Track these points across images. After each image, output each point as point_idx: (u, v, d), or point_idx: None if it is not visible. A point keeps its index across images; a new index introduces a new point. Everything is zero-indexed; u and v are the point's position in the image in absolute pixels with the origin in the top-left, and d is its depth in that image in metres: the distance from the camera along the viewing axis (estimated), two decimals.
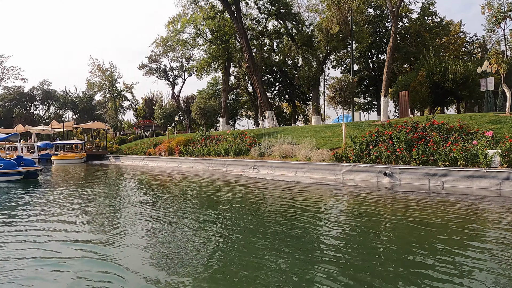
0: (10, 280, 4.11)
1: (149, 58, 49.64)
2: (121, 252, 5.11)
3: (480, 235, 5.69)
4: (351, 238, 5.71)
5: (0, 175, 15.14)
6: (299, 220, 6.87)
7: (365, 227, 6.28)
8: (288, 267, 4.37)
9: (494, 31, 18.95)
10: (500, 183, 9.53)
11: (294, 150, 16.45)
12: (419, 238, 5.51)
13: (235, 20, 26.83)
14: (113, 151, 34.34)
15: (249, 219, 7.13)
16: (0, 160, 15.65)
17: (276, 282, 3.92)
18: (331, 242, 5.43)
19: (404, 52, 39.19)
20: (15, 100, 62.09)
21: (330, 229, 6.22)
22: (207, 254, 4.95)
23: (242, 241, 5.58)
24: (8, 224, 7.08)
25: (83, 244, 5.52)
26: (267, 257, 4.74)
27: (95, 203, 9.44)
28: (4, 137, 17.83)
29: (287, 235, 5.83)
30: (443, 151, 11.10)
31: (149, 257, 4.85)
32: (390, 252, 4.90)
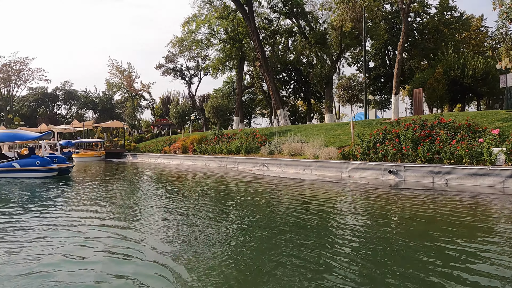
0: (53, 251, 5.17)
1: (166, 58, 50.68)
2: (140, 234, 5.91)
3: (492, 230, 5.86)
4: (356, 234, 5.99)
5: (37, 171, 16.18)
6: (302, 212, 7.20)
7: (368, 223, 6.54)
8: (294, 253, 4.71)
9: (506, 27, 18.50)
10: (503, 181, 9.53)
11: (303, 148, 16.70)
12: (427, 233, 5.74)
13: (247, 19, 27.20)
14: (131, 149, 35.42)
15: (257, 211, 7.50)
16: (37, 158, 16.74)
17: (282, 263, 4.28)
18: (333, 232, 5.73)
19: (421, 49, 38.49)
20: (39, 100, 64.70)
21: (329, 221, 6.51)
22: (217, 240, 5.51)
23: (250, 231, 5.96)
24: (47, 211, 8.24)
25: (108, 228, 6.43)
26: (274, 245, 5.10)
27: (117, 196, 10.48)
28: (40, 135, 19.12)
29: (290, 225, 6.17)
30: (448, 149, 11.13)
31: (165, 238, 5.69)
32: (397, 240, 5.17)
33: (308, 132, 20.23)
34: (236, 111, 35.14)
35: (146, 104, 54.58)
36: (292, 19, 32.86)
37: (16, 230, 6.41)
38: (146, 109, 56.75)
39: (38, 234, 6.07)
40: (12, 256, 4.93)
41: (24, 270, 4.35)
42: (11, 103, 60.94)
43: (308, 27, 34.62)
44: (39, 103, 65.25)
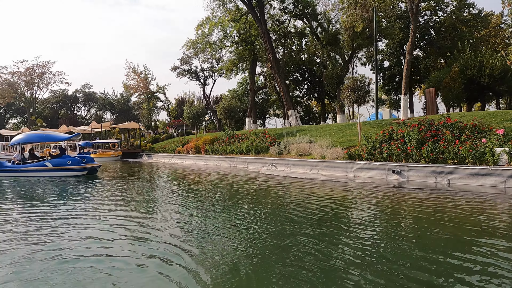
0: (85, 235, 6.17)
1: (181, 60, 51.61)
2: (157, 223, 6.81)
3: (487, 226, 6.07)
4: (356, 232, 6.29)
5: (69, 170, 17.16)
6: (301, 207, 7.54)
7: (364, 222, 6.83)
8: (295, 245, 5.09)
9: None
10: (505, 181, 9.58)
11: (311, 149, 16.96)
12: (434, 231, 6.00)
13: (258, 22, 27.60)
14: (146, 149, 36.39)
15: (258, 206, 7.89)
16: (68, 158, 17.75)
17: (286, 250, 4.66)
18: (333, 224, 6.06)
19: (437, 47, 37.91)
20: (60, 102, 66.98)
21: (330, 216, 6.83)
22: (225, 228, 6.16)
23: (253, 226, 6.37)
24: (80, 204, 9.55)
25: (130, 218, 7.38)
26: (277, 236, 5.49)
27: (138, 192, 11.59)
28: (70, 136, 20.41)
29: (283, 220, 6.54)
30: (452, 149, 11.21)
31: (179, 226, 6.56)
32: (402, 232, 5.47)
33: (317, 133, 20.43)
34: (249, 112, 35.58)
35: (162, 106, 55.83)
36: (304, 19, 33.05)
37: (58, 219, 7.52)
38: (162, 110, 58.03)
39: (74, 221, 7.20)
40: (54, 238, 5.97)
41: (64, 247, 5.42)
42: (34, 105, 63.35)
43: (320, 27, 34.75)
44: (60, 105, 67.55)
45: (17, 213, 8.33)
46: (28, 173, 17.13)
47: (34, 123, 58.97)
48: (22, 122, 68.12)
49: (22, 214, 8.21)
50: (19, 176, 17.05)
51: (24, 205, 9.56)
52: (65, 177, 16.61)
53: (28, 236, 6.08)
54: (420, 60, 43.19)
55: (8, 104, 62.85)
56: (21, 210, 8.83)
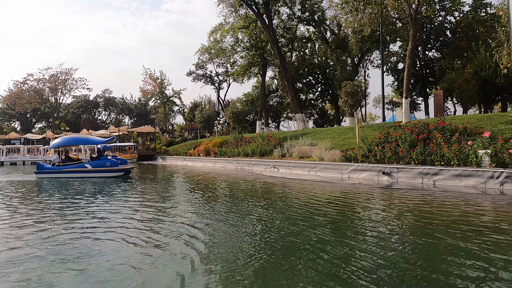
0: (117, 225, 7.02)
1: (196, 65, 53.18)
2: (176, 214, 7.89)
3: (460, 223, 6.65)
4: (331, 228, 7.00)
5: (107, 171, 18.37)
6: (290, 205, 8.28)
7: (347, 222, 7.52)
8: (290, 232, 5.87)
9: None
10: (485, 182, 9.98)
11: (311, 151, 17.59)
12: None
13: (266, 28, 28.44)
14: (161, 152, 37.81)
15: (251, 205, 8.69)
16: (107, 160, 19.00)
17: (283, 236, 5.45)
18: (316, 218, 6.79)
19: (453, 48, 37.58)
20: (82, 107, 69.91)
21: (311, 211, 7.55)
22: (227, 220, 6.72)
23: (247, 221, 7.18)
24: (115, 201, 10.59)
25: (153, 210, 8.64)
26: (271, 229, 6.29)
27: (156, 191, 12.65)
28: (106, 140, 21.78)
29: (275, 216, 7.30)
30: (439, 152, 11.65)
31: (190, 216, 7.64)
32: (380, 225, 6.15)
33: (321, 136, 21.00)
34: (259, 115, 36.41)
35: (177, 110, 57.57)
36: (312, 24, 33.65)
37: (104, 211, 8.65)
38: (178, 114, 59.81)
39: (110, 210, 8.81)
40: (100, 221, 7.40)
41: (101, 228, 6.72)
42: (58, 110, 66.43)
43: (330, 32, 35.29)
44: (82, 110, 70.54)
45: (82, 207, 9.37)
46: (69, 174, 18.19)
47: (58, 127, 61.89)
48: (47, 126, 71.46)
49: (88, 208, 9.23)
50: (61, 177, 18.01)
51: (83, 201, 10.53)
52: (105, 178, 17.67)
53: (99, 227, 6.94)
54: (435, 61, 42.88)
55: (34, 109, 66.14)
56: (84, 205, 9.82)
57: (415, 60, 43.34)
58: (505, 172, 9.61)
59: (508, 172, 9.57)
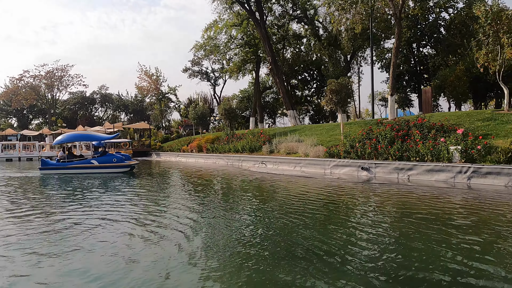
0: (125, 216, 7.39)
1: (192, 62, 53.44)
2: (165, 204, 8.03)
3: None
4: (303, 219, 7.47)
5: (114, 167, 18.72)
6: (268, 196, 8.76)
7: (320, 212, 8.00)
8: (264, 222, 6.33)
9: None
10: (454, 176, 10.47)
11: (298, 147, 18.05)
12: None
13: (258, 26, 28.78)
14: (156, 148, 38.23)
15: (239, 196, 9.16)
16: (113, 156, 19.41)
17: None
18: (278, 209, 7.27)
19: (446, 45, 37.97)
20: (78, 104, 70.13)
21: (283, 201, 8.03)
22: (208, 211, 7.18)
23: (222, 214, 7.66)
24: (118, 194, 10.79)
25: (151, 202, 8.80)
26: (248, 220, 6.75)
27: (156, 184, 12.83)
28: (111, 136, 22.07)
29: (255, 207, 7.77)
30: (414, 148, 12.13)
31: (180, 206, 8.19)
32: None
33: (311, 132, 21.46)
34: (253, 112, 36.80)
35: (173, 106, 57.88)
36: (305, 21, 33.97)
37: (111, 202, 9.37)
38: (174, 111, 60.13)
39: (112, 200, 9.63)
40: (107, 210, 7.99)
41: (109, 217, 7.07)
42: (54, 107, 66.65)
43: (322, 29, 35.63)
44: (78, 106, 70.78)
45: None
46: (76, 170, 18.42)
47: (54, 124, 62.15)
48: (43, 122, 71.71)
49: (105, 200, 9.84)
50: (67, 173, 18.25)
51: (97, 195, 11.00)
52: (111, 173, 18.02)
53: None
54: (429, 58, 43.28)
55: (31, 105, 66.35)
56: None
57: (409, 57, 43.80)
58: (472, 167, 10.10)
59: (474, 167, 10.06)
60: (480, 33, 15.01)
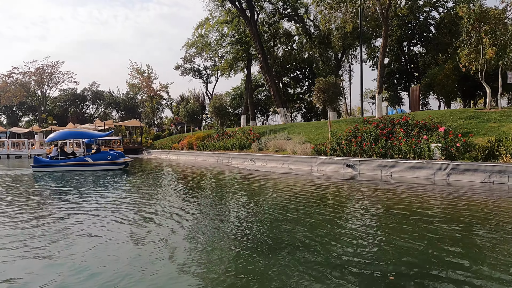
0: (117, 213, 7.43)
1: (184, 59, 53.28)
2: (156, 197, 8.25)
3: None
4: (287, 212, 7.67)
5: (109, 164, 18.69)
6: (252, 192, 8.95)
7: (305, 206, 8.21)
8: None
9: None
10: (434, 173, 10.79)
11: (286, 145, 18.27)
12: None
13: (249, 24, 28.88)
14: (147, 146, 38.18)
15: (213, 193, 9.34)
16: (108, 153, 19.35)
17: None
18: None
19: (436, 43, 38.46)
20: (69, 101, 69.46)
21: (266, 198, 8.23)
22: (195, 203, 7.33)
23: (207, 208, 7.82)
24: (114, 191, 11.00)
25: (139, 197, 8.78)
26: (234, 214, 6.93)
27: (146, 182, 12.87)
28: (106, 134, 22.05)
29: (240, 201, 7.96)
30: (397, 146, 12.43)
31: (168, 199, 8.03)
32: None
33: (300, 130, 21.69)
34: (244, 110, 36.94)
35: (165, 103, 57.80)
36: (295, 19, 34.16)
37: (109, 198, 9.28)
38: (165, 108, 60.06)
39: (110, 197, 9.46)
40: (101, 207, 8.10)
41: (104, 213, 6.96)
42: (45, 104, 65.94)
43: (313, 27, 35.88)
44: (69, 103, 70.06)
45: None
46: (69, 168, 18.34)
47: (45, 121, 61.52)
48: (33, 119, 70.92)
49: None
50: (60, 170, 18.13)
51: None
52: (106, 171, 17.99)
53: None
54: (419, 56, 43.78)
55: (21, 102, 65.53)
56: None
57: (400, 55, 44.30)
58: (451, 164, 10.42)
59: (453, 164, 10.38)
60: (463, 33, 15.33)
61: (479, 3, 14.42)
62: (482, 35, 14.35)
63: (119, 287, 3.70)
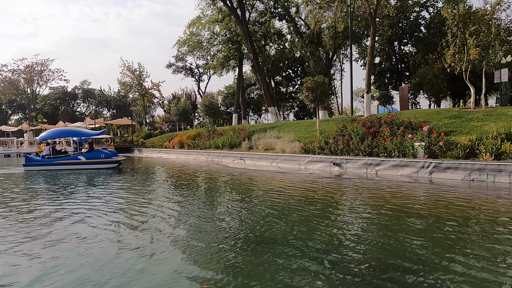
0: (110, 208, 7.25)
1: (176, 57, 53.10)
2: (146, 193, 8.14)
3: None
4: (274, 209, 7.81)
5: (102, 163, 18.58)
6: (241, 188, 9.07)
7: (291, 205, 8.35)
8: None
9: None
10: (417, 171, 11.03)
11: (276, 143, 18.43)
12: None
13: (240, 23, 28.94)
14: (139, 144, 38.05)
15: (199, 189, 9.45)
16: (102, 152, 19.22)
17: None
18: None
19: (426, 43, 38.90)
20: (60, 99, 68.77)
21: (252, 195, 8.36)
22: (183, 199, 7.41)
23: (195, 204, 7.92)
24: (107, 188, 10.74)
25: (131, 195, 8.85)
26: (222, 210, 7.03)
27: (138, 180, 12.77)
28: (99, 132, 21.87)
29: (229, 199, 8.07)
30: (382, 144, 12.66)
31: (156, 195, 8.17)
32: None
33: (290, 129, 21.86)
34: (236, 108, 37.00)
35: (157, 102, 57.55)
36: (286, 18, 34.30)
37: (105, 194, 9.19)
38: (157, 106, 59.82)
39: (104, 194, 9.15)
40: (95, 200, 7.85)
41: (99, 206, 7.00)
42: (34, 102, 65.21)
43: (305, 27, 36.03)
44: (59, 102, 69.39)
45: None
46: (62, 166, 18.13)
47: (35, 119, 60.85)
48: (23, 118, 70.08)
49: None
50: (53, 169, 17.94)
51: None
52: (99, 169, 17.90)
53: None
54: (410, 56, 44.26)
55: (10, 100, 64.72)
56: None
57: (391, 55, 44.71)
58: (433, 163, 10.67)
59: (435, 162, 10.63)
60: (448, 34, 15.62)
61: (464, 5, 14.66)
62: (467, 36, 14.64)
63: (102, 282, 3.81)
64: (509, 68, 21.82)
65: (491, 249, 4.51)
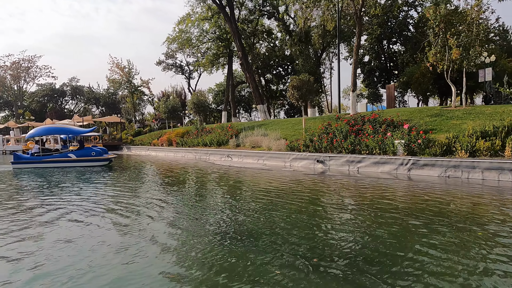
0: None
1: (166, 55, 52.79)
2: (134, 190, 8.22)
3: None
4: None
5: (93, 161, 18.52)
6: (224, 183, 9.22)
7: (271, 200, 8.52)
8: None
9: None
10: (396, 168, 11.33)
11: (262, 141, 18.62)
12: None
13: (228, 21, 28.99)
14: (128, 142, 37.87)
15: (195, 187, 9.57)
16: (92, 149, 19.11)
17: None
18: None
19: (414, 42, 39.40)
20: (47, 96, 67.79)
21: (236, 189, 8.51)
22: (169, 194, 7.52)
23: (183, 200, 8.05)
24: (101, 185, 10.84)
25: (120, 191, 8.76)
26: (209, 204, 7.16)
27: (127, 176, 12.62)
28: (90, 130, 21.75)
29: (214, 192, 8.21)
30: (364, 142, 12.94)
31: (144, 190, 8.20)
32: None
33: (277, 126, 22.06)
34: (225, 106, 37.07)
35: (147, 99, 57.17)
36: (275, 16, 34.45)
37: (96, 191, 9.25)
38: (147, 104, 59.41)
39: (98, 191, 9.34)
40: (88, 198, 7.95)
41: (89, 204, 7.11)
42: (21, 99, 64.24)
43: (294, 25, 36.22)
44: (47, 99, 68.39)
45: None
46: (52, 164, 18.00)
47: (22, 117, 59.97)
48: (10, 115, 68.95)
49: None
50: (43, 167, 17.78)
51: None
52: (90, 167, 17.85)
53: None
54: (398, 55, 44.79)
55: None
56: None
57: (380, 53, 45.16)
58: (412, 160, 10.98)
59: (414, 159, 10.94)
60: (430, 33, 15.97)
61: (445, 6, 15.00)
62: (448, 36, 14.99)
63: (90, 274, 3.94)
64: (493, 68, 22.39)
65: (457, 243, 4.77)
